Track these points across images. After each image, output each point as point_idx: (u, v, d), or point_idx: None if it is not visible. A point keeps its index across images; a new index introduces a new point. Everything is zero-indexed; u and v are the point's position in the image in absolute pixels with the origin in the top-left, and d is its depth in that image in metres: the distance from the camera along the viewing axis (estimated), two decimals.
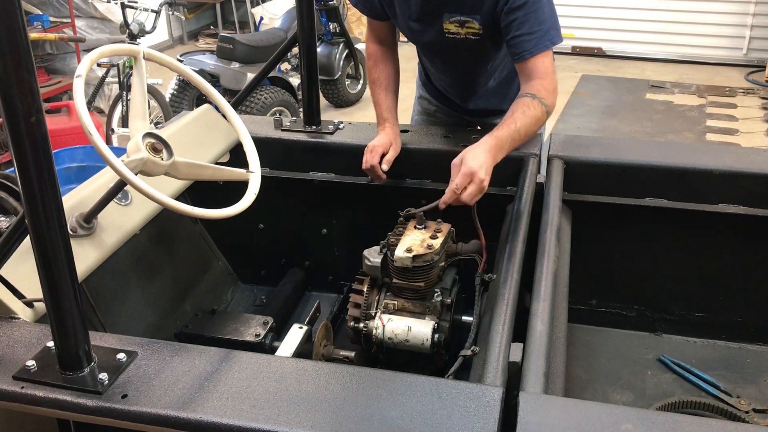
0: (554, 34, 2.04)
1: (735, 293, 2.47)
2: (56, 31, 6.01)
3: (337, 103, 6.57)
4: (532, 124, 2.00)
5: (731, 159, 2.31)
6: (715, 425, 1.26)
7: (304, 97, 2.61)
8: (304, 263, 2.79)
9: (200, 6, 9.55)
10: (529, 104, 2.01)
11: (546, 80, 2.03)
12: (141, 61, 1.79)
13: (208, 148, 2.36)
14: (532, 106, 2.00)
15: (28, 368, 1.37)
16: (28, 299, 1.58)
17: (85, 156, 3.94)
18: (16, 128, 1.15)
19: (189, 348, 1.46)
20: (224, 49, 5.39)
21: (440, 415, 1.25)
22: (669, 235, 2.43)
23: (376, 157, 2.29)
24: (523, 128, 1.98)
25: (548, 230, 1.89)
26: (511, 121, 1.98)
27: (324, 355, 2.10)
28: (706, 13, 7.80)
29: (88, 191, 1.90)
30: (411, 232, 2.12)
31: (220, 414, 1.27)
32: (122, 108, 5.02)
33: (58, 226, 1.23)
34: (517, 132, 1.97)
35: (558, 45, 2.08)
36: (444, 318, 2.06)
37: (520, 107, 2.01)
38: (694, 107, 6.55)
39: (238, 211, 1.71)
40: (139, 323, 2.19)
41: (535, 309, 1.57)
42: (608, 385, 2.36)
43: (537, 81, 2.03)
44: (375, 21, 2.35)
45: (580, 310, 2.57)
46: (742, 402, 2.25)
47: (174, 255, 2.47)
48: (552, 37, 2.03)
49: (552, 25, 2.03)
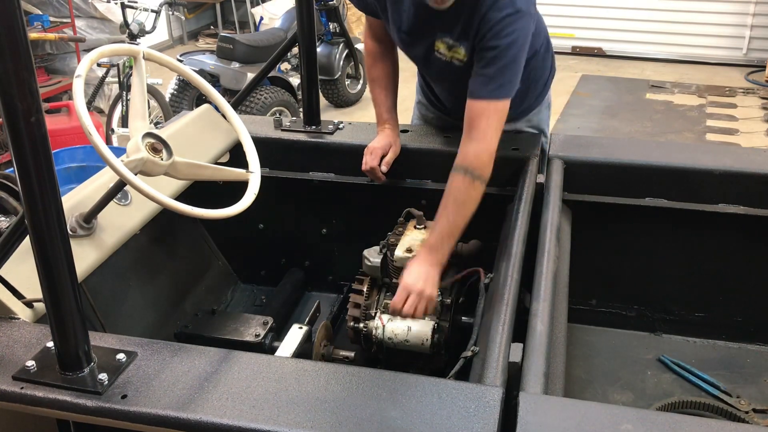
0: (511, 89, 1.97)
1: (735, 293, 2.47)
2: (56, 31, 6.00)
3: (337, 103, 6.56)
4: (468, 208, 1.94)
5: (731, 159, 2.31)
6: (715, 425, 1.26)
7: (304, 97, 2.61)
8: (303, 263, 2.79)
9: (200, 6, 9.55)
10: (460, 189, 1.94)
11: (483, 144, 1.95)
12: (141, 61, 1.79)
13: (208, 148, 2.36)
14: (464, 190, 1.94)
15: (27, 368, 1.37)
16: (28, 299, 1.58)
17: (85, 156, 3.94)
18: (15, 128, 1.15)
19: (189, 348, 1.46)
20: (224, 49, 5.39)
21: (440, 416, 1.25)
22: (669, 235, 2.43)
23: (375, 159, 2.29)
24: (459, 219, 1.92)
25: (548, 230, 1.89)
26: (443, 219, 1.93)
27: (324, 355, 2.10)
28: (706, 13, 7.80)
29: (87, 191, 1.90)
30: (411, 232, 2.12)
31: (220, 414, 1.27)
32: (122, 108, 5.02)
33: (57, 226, 1.23)
34: (452, 226, 1.92)
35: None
36: (444, 318, 2.06)
37: (451, 196, 1.94)
38: (694, 107, 6.54)
39: (238, 211, 1.71)
40: (138, 323, 2.19)
41: (535, 309, 1.57)
42: (608, 385, 2.36)
43: (473, 145, 1.96)
44: (372, 18, 2.34)
45: (580, 310, 2.57)
46: (742, 402, 2.25)
47: (174, 255, 2.47)
48: (509, 90, 1.96)
49: (509, 80, 1.96)
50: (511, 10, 1.91)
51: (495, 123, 1.96)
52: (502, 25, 1.92)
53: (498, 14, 1.91)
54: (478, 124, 1.96)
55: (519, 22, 1.92)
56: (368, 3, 2.21)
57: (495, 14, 1.92)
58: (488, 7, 1.93)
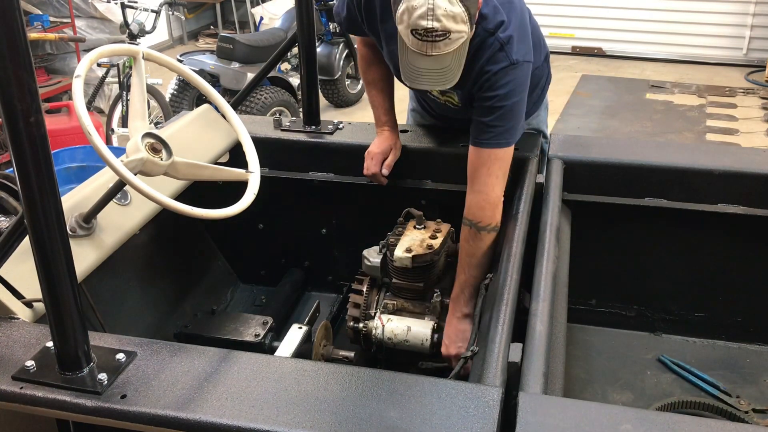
0: (513, 135, 1.98)
1: (735, 293, 2.47)
2: (56, 31, 6.00)
3: (337, 103, 6.56)
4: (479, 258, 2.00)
5: (731, 159, 2.31)
6: (715, 425, 1.26)
7: (303, 97, 2.61)
8: (303, 263, 2.79)
9: (200, 6, 9.54)
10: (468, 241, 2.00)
11: (483, 195, 1.98)
12: (140, 61, 1.79)
13: (208, 148, 2.36)
14: (472, 243, 1.99)
15: (27, 368, 1.37)
16: (28, 299, 1.58)
17: (85, 156, 3.94)
18: (15, 129, 1.15)
19: (188, 348, 1.46)
20: (224, 49, 5.39)
21: (439, 416, 1.25)
22: (669, 235, 2.43)
23: (377, 164, 2.29)
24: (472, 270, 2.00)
25: (548, 230, 1.89)
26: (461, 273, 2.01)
27: (323, 355, 2.10)
28: (706, 13, 7.79)
29: (87, 191, 1.90)
30: (410, 232, 2.12)
31: (220, 414, 1.27)
32: (122, 108, 5.02)
33: (57, 226, 1.23)
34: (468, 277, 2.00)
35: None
36: (443, 318, 2.06)
37: (463, 250, 2.01)
38: (694, 107, 6.54)
39: (238, 211, 1.71)
40: (138, 323, 2.19)
41: (535, 309, 1.57)
42: (608, 385, 2.36)
43: (475, 197, 1.99)
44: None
45: (580, 310, 2.57)
46: (741, 402, 2.25)
47: (174, 255, 2.47)
48: (510, 137, 1.97)
49: (514, 126, 1.98)
50: (507, 63, 1.90)
51: (496, 171, 1.97)
52: (498, 77, 1.91)
53: (494, 67, 1.91)
54: (479, 174, 1.98)
55: (515, 72, 1.92)
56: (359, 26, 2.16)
57: (491, 67, 1.91)
58: (485, 60, 1.92)
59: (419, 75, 1.79)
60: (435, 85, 1.82)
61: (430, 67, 1.75)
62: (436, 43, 1.69)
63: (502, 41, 1.89)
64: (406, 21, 1.70)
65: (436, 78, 1.78)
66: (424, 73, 1.77)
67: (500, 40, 1.89)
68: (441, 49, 1.71)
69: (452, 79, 1.80)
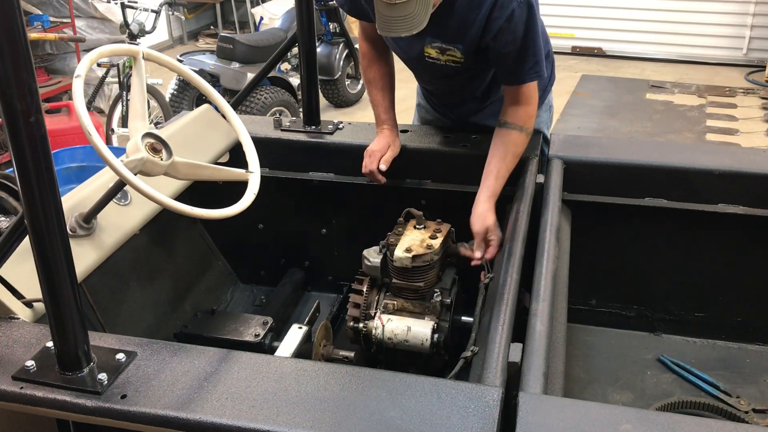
0: (543, 66, 2.11)
1: (735, 293, 2.47)
2: (56, 31, 6.01)
3: (337, 103, 6.56)
4: (518, 158, 2.19)
5: (731, 159, 2.31)
6: (715, 425, 1.26)
7: (303, 97, 2.61)
8: (303, 263, 2.79)
9: (200, 6, 9.54)
10: (517, 142, 2.16)
11: (530, 106, 2.16)
12: (140, 61, 1.79)
13: (208, 148, 2.36)
14: (520, 143, 2.17)
15: (27, 368, 1.37)
16: (28, 299, 1.58)
17: (85, 156, 3.94)
18: (15, 129, 1.15)
19: (188, 348, 1.46)
20: (224, 49, 5.39)
21: (439, 416, 1.25)
22: (669, 235, 2.43)
23: (374, 162, 2.29)
24: (513, 166, 2.17)
25: (548, 230, 1.89)
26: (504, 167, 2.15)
27: (323, 355, 2.10)
28: (706, 13, 7.80)
29: (87, 191, 1.90)
30: (410, 232, 2.12)
31: (220, 414, 1.27)
32: (122, 108, 5.02)
33: (57, 226, 1.23)
34: (507, 173, 2.16)
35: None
36: (443, 318, 2.06)
37: (510, 149, 2.15)
38: (694, 107, 6.54)
39: (238, 211, 1.71)
40: (138, 323, 2.19)
41: (535, 309, 1.56)
42: (608, 385, 2.36)
43: (522, 108, 2.15)
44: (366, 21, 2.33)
45: (580, 310, 2.57)
46: (741, 402, 2.25)
47: (173, 255, 2.47)
48: (541, 68, 2.10)
49: (542, 57, 2.09)
50: (515, 5, 1.94)
51: (534, 91, 2.16)
52: (513, 20, 1.96)
53: (504, 12, 1.95)
54: (520, 94, 2.14)
55: (524, 8, 1.96)
56: (361, 8, 2.20)
57: (500, 12, 1.95)
58: (489, 7, 1.94)
59: (389, 23, 1.89)
60: (403, 32, 1.91)
61: (397, 14, 1.86)
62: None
63: None
64: None
65: (404, 24, 1.88)
66: (392, 20, 1.88)
67: None
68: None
69: (419, 24, 1.89)
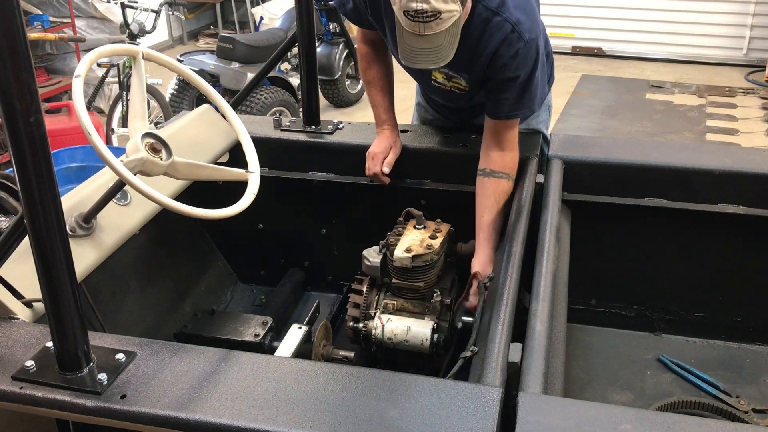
0: (536, 105, 2.11)
1: (735, 293, 2.46)
2: (56, 31, 6.01)
3: (337, 103, 6.56)
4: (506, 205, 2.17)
5: (731, 159, 2.31)
6: (715, 425, 1.26)
7: (303, 97, 2.60)
8: (303, 263, 2.79)
9: (200, 6, 9.54)
10: (506, 190, 2.14)
11: (515, 152, 2.16)
12: (140, 61, 1.79)
13: (208, 148, 2.36)
14: (509, 190, 2.15)
15: (27, 368, 1.37)
16: (27, 299, 1.58)
17: (85, 156, 3.94)
18: (15, 128, 1.15)
19: (188, 348, 1.46)
20: (224, 49, 5.39)
21: (439, 416, 1.25)
22: (669, 235, 2.43)
23: (378, 164, 2.30)
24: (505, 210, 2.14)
25: (547, 230, 1.89)
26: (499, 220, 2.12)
27: (323, 355, 2.10)
28: (706, 13, 7.79)
29: (87, 191, 1.90)
30: (410, 232, 2.12)
31: (219, 414, 1.27)
32: (122, 108, 5.02)
33: (57, 226, 1.23)
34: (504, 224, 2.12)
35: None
36: (443, 318, 2.06)
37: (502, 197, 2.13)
38: (694, 107, 6.54)
39: (238, 211, 1.71)
40: (138, 323, 2.19)
41: (535, 309, 1.56)
42: (607, 385, 2.36)
43: (508, 155, 2.14)
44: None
45: (580, 310, 2.57)
46: (741, 402, 2.25)
47: (173, 255, 2.47)
48: (532, 107, 2.10)
49: (536, 96, 2.08)
50: (522, 44, 1.93)
51: (516, 134, 2.15)
52: (517, 58, 1.95)
53: (510, 49, 1.94)
54: (506, 136, 2.12)
55: (531, 49, 1.95)
56: (366, 20, 2.19)
57: (507, 50, 1.94)
58: (498, 43, 1.94)
59: (415, 55, 1.83)
60: (430, 64, 1.86)
61: (424, 47, 1.80)
62: (428, 23, 1.73)
63: (513, 22, 1.91)
64: (398, 3, 1.75)
65: (430, 57, 1.83)
66: (418, 52, 1.82)
67: (511, 21, 1.91)
68: (433, 29, 1.75)
69: (446, 57, 1.83)
